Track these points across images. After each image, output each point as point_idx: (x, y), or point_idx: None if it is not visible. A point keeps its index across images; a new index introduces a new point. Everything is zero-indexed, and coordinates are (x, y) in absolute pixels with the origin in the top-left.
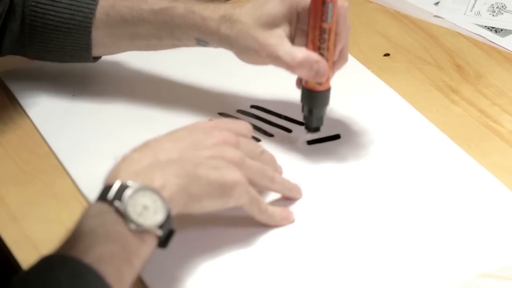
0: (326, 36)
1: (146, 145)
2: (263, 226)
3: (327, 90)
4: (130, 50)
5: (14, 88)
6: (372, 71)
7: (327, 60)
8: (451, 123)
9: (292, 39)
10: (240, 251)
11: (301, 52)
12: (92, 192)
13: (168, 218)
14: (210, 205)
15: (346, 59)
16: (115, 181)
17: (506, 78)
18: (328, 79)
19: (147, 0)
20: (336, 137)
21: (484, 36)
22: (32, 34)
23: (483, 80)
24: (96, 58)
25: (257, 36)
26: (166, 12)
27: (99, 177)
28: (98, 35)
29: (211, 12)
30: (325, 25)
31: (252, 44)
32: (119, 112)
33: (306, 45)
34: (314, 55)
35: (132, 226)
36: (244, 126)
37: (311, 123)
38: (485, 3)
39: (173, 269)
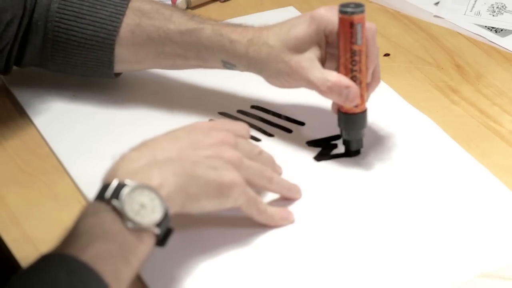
0: (357, 58)
1: (144, 144)
2: (263, 226)
3: (363, 112)
4: (154, 68)
5: (15, 88)
6: None
7: (361, 81)
8: (451, 123)
9: (323, 62)
10: (240, 251)
11: (332, 77)
12: (92, 192)
13: (166, 216)
14: (208, 205)
15: (378, 81)
16: (113, 179)
17: (506, 78)
18: (363, 101)
19: (175, 21)
20: (337, 137)
21: (484, 36)
22: (55, 49)
23: (483, 80)
24: (118, 74)
25: (289, 60)
26: (193, 33)
27: (99, 177)
28: (122, 52)
29: (239, 35)
30: (356, 47)
31: (283, 68)
32: (119, 112)
33: (338, 69)
34: (345, 80)
35: (130, 224)
36: (242, 127)
37: (350, 146)
38: (485, 3)
39: (173, 268)
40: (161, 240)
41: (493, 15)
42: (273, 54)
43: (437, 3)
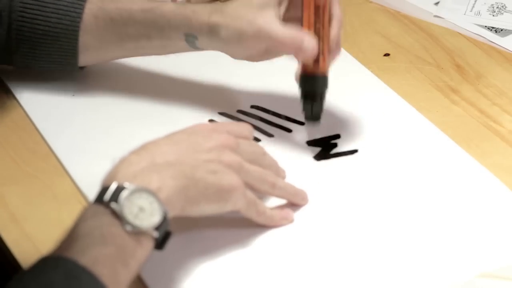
0: (320, 12)
1: (144, 148)
2: (263, 226)
3: (324, 75)
4: (119, 54)
5: (14, 87)
6: (372, 71)
7: (323, 38)
8: (451, 123)
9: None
10: (240, 251)
11: (291, 28)
12: (92, 192)
13: (165, 220)
14: (208, 209)
15: (339, 49)
16: (112, 182)
17: (506, 78)
18: (325, 63)
19: (136, 1)
20: (336, 136)
21: (484, 36)
22: (20, 40)
23: (483, 80)
24: (82, 68)
25: (246, 16)
26: (156, 9)
27: (99, 177)
28: (86, 39)
29: (202, 6)
30: (319, 2)
31: (240, 25)
32: (119, 111)
33: (301, 24)
34: (303, 32)
35: (128, 227)
36: (245, 128)
37: (309, 110)
38: (485, 3)
39: (173, 269)
40: (160, 244)
41: (493, 15)
42: (233, 15)
43: (437, 3)
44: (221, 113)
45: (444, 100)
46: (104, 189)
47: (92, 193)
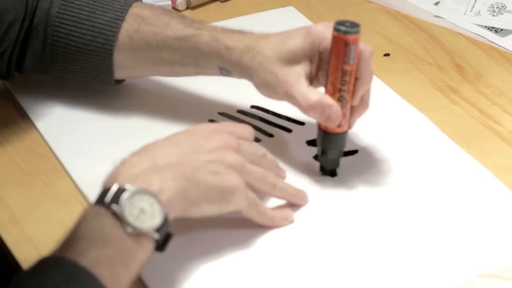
0: (347, 78)
1: (145, 149)
2: (263, 227)
3: (344, 133)
4: (153, 75)
5: (15, 88)
6: None
7: (347, 102)
8: (451, 123)
9: (312, 78)
10: (240, 252)
11: (315, 95)
12: (92, 192)
13: (165, 221)
14: (209, 210)
15: (367, 106)
16: (113, 184)
17: (506, 78)
18: (346, 122)
19: (173, 27)
20: None
21: (484, 36)
22: (54, 55)
23: (483, 80)
24: (119, 82)
25: (276, 72)
26: (191, 39)
27: (99, 178)
28: (120, 58)
29: (236, 42)
30: (347, 67)
31: (270, 78)
32: (120, 112)
33: (326, 87)
34: (328, 99)
35: (129, 229)
36: (245, 129)
37: (326, 165)
38: (485, 3)
39: (174, 270)
40: (161, 245)
41: (493, 15)
42: (264, 63)
43: (437, 3)
44: (221, 113)
45: (444, 100)
46: (105, 191)
47: (92, 194)
